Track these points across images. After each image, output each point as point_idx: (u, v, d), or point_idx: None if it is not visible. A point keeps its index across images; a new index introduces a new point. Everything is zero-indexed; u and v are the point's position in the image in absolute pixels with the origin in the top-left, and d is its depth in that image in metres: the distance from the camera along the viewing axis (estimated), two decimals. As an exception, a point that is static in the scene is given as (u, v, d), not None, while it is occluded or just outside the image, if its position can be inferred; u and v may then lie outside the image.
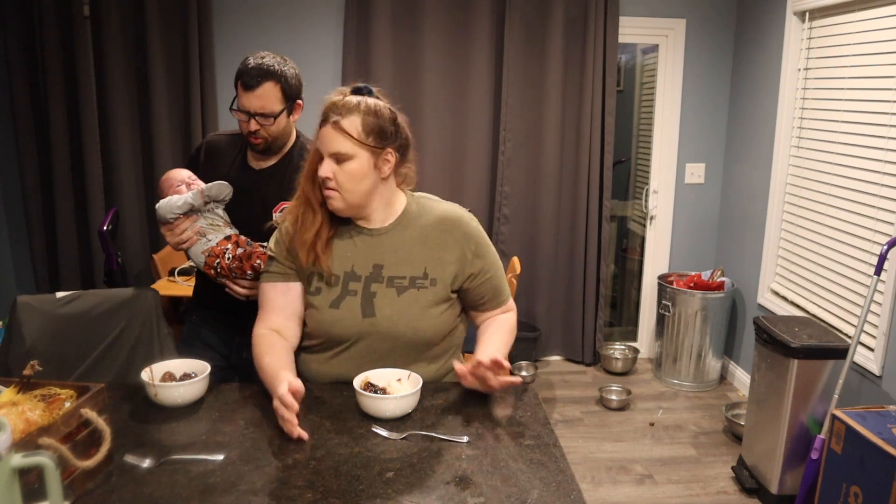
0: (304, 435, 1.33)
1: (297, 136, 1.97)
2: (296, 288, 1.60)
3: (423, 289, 1.55)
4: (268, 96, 1.79)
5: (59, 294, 2.10)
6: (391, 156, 1.51)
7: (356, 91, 1.53)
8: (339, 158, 1.47)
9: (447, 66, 3.75)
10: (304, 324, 1.63)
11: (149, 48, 3.49)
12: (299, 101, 1.88)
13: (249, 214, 1.90)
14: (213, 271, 1.84)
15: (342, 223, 1.58)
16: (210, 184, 1.85)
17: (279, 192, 1.89)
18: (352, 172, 1.47)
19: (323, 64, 3.75)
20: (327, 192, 1.50)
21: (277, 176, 1.91)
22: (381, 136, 1.48)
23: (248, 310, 1.87)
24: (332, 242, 1.57)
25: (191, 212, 1.83)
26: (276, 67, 1.79)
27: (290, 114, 1.87)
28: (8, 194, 3.65)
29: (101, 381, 2.11)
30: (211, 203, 1.86)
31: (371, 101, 1.50)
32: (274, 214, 1.87)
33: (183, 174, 1.90)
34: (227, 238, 1.86)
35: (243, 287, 1.85)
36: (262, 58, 1.80)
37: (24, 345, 1.96)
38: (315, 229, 1.54)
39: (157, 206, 1.83)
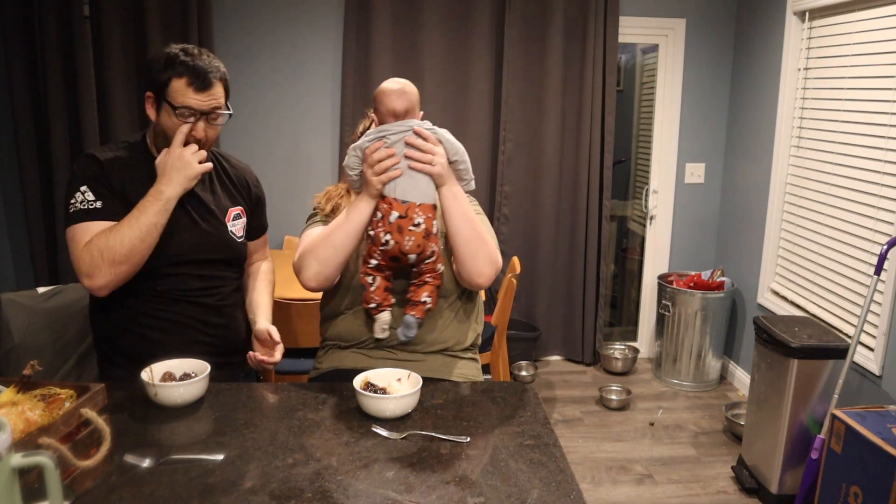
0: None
1: None
2: None
3: None
4: (219, 94, 1.57)
5: (41, 289, 2.07)
6: None
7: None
8: None
9: (447, 65, 3.75)
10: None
11: (149, 48, 3.49)
12: None
13: (197, 237, 1.70)
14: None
15: None
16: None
17: (227, 196, 1.71)
18: None
19: (323, 64, 3.75)
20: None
21: (207, 182, 1.70)
22: None
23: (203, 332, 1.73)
24: None
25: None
26: (220, 64, 1.60)
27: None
28: (8, 193, 3.65)
29: (92, 372, 2.11)
30: None
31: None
32: (228, 224, 1.74)
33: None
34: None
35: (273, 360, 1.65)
36: (201, 53, 1.57)
37: (13, 341, 1.95)
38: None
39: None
